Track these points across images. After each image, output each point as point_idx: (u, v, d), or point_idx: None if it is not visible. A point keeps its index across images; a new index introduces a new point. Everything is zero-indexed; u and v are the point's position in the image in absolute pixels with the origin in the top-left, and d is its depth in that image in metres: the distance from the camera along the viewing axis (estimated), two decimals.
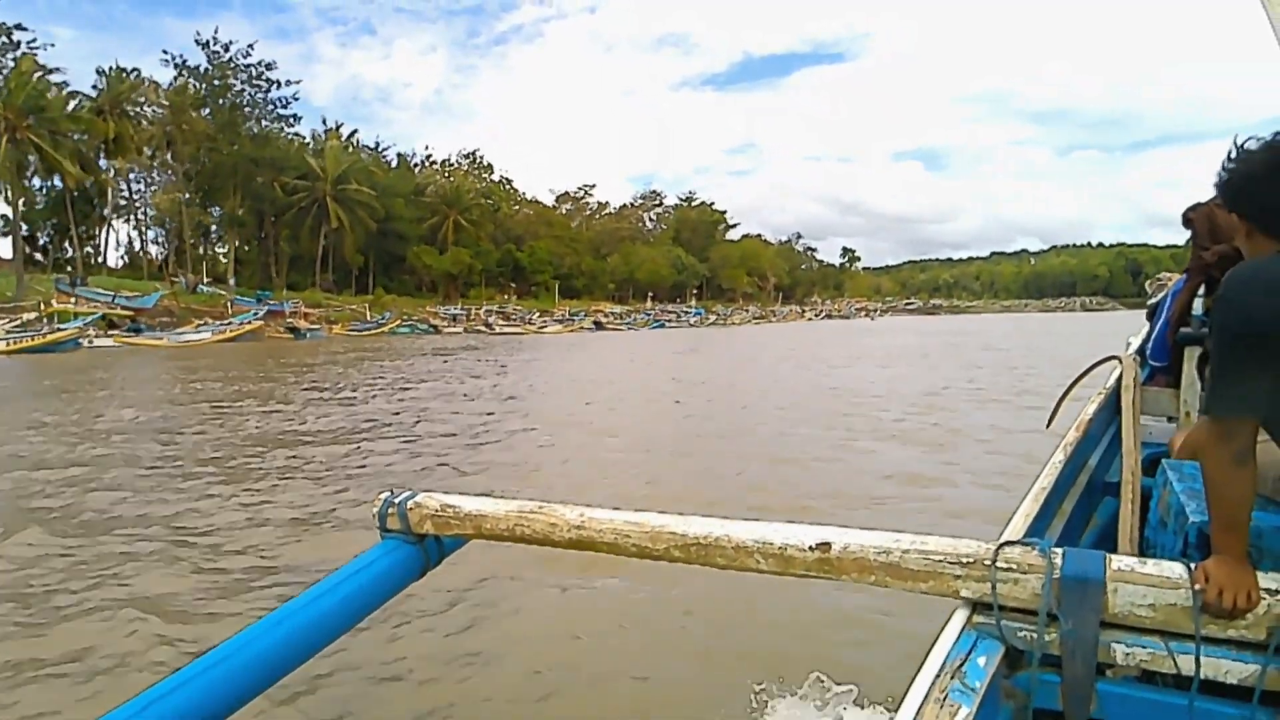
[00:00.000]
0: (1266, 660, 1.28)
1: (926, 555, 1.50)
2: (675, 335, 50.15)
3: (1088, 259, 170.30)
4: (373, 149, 76.43)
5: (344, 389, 16.44)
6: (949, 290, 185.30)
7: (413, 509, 1.98)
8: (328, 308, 50.97)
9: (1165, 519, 1.89)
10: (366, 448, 9.46)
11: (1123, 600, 1.36)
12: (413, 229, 70.31)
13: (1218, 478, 1.38)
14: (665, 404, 14.04)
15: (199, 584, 4.72)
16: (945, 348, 31.25)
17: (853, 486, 7.13)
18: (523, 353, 29.71)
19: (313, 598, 1.79)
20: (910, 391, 15.08)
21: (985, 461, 8.10)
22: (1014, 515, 1.88)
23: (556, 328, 54.24)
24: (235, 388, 16.75)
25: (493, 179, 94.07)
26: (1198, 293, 3.32)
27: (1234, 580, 1.31)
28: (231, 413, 12.68)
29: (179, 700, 1.48)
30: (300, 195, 59.85)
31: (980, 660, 1.37)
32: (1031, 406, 10.96)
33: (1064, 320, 68.86)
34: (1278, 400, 1.34)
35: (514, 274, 79.87)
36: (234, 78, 55.86)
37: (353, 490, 7.10)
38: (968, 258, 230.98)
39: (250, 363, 24.23)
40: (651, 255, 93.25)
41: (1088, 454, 2.68)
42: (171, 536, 5.67)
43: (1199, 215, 3.27)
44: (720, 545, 1.66)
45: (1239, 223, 1.52)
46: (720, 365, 24.64)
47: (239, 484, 7.48)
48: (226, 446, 9.57)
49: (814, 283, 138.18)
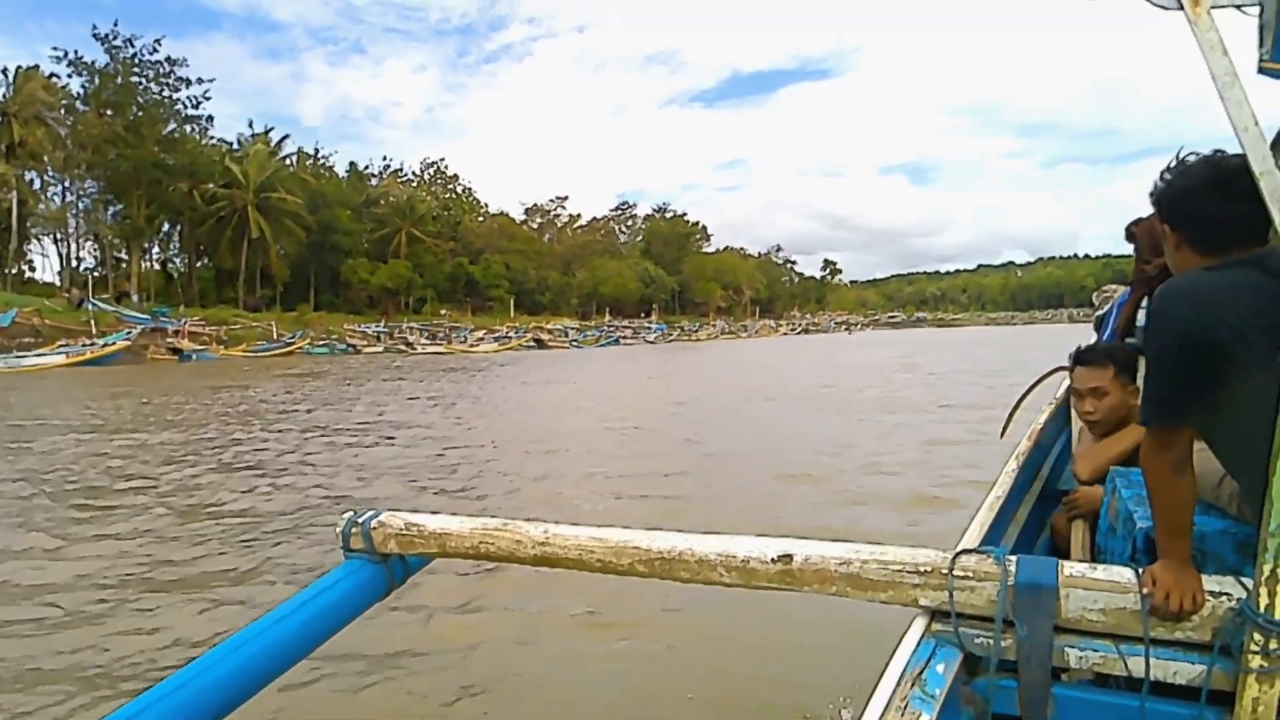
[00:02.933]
0: (1212, 660, 1.31)
1: (886, 565, 1.51)
2: (620, 355, 45.13)
3: (1074, 270, 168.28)
4: (313, 156, 71.77)
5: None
6: (935, 303, 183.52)
7: (376, 528, 1.93)
8: (236, 326, 45.58)
9: (1115, 525, 1.93)
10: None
11: (1075, 605, 1.38)
12: (355, 242, 65.45)
13: (1159, 485, 1.42)
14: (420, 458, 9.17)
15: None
16: (902, 366, 26.97)
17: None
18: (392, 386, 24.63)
19: (274, 620, 1.74)
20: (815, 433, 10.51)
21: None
22: (970, 524, 1.94)
23: (491, 346, 48.64)
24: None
25: (456, 190, 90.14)
26: (1141, 304, 3.33)
27: (1180, 583, 1.33)
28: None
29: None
30: (220, 204, 54.88)
31: (939, 667, 1.39)
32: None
33: (1041, 333, 64.66)
34: (1212, 409, 1.38)
35: (467, 289, 75.07)
36: (139, 75, 50.84)
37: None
38: (955, 270, 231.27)
39: (64, 396, 19.01)
40: (618, 268, 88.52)
41: (1040, 462, 2.75)
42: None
43: (1141, 229, 3.36)
44: (684, 559, 1.65)
45: (1169, 234, 1.54)
46: (615, 392, 19.81)
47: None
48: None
49: (794, 296, 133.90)
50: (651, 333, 69.42)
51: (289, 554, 5.25)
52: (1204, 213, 1.46)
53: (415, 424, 12.33)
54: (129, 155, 47.91)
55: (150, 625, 4.03)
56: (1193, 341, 1.33)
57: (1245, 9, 1.24)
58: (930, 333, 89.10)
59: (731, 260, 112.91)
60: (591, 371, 27.91)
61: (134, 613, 4.21)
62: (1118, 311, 3.60)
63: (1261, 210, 1.26)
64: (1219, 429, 1.46)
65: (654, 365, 31.45)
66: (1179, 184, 1.50)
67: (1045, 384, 3.51)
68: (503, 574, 4.40)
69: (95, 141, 48.03)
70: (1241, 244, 1.42)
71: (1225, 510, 1.63)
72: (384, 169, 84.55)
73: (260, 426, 12.04)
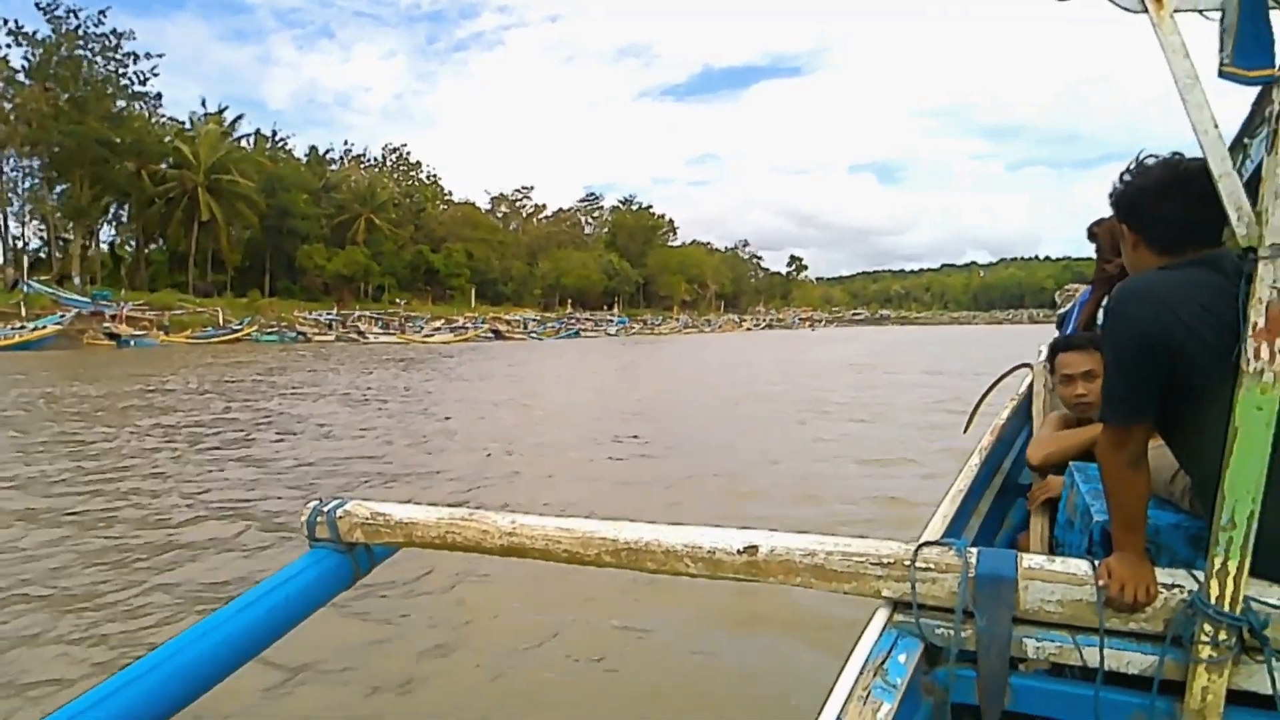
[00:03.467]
0: (1164, 651, 1.34)
1: (849, 557, 1.52)
2: (579, 348, 44.80)
3: (1035, 271, 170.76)
4: (271, 139, 70.09)
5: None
6: (900, 301, 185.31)
7: (342, 517, 1.92)
8: (181, 311, 44.27)
9: (1073, 519, 1.94)
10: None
11: (1033, 597, 1.41)
12: (312, 227, 63.96)
13: (1115, 480, 1.45)
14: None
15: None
16: (860, 364, 26.88)
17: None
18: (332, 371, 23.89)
19: (239, 609, 1.74)
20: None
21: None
22: (933, 516, 1.99)
23: (447, 336, 47.88)
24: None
25: (420, 178, 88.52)
26: (1102, 303, 3.36)
27: (1134, 575, 1.37)
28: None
29: (103, 713, 1.44)
30: (170, 185, 53.27)
31: (901, 657, 1.41)
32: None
33: (1002, 332, 65.31)
34: (1167, 406, 1.40)
35: (428, 278, 73.91)
36: (84, 48, 49.02)
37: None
38: (919, 269, 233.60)
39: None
40: (582, 260, 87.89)
41: (1002, 457, 2.80)
42: None
43: (1103, 230, 3.38)
44: (650, 550, 1.65)
45: (1126, 234, 1.59)
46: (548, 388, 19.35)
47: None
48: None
49: (759, 291, 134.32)
50: (613, 325, 69.02)
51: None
52: (1161, 213, 1.49)
53: (316, 421, 11.88)
54: (72, 132, 46.16)
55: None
56: (1149, 340, 1.36)
57: (1207, 13, 1.25)
58: (891, 330, 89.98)
59: (697, 254, 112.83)
60: (543, 366, 27.59)
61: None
62: (1079, 310, 3.67)
63: (1216, 211, 1.29)
64: (1174, 425, 1.48)
65: (610, 360, 31.23)
66: (1137, 185, 1.54)
67: (1005, 382, 3.54)
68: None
69: (38, 117, 46.22)
70: (1196, 244, 1.46)
71: (1179, 505, 1.65)
72: (345, 153, 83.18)
73: (129, 426, 11.13)
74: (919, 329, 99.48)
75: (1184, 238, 1.47)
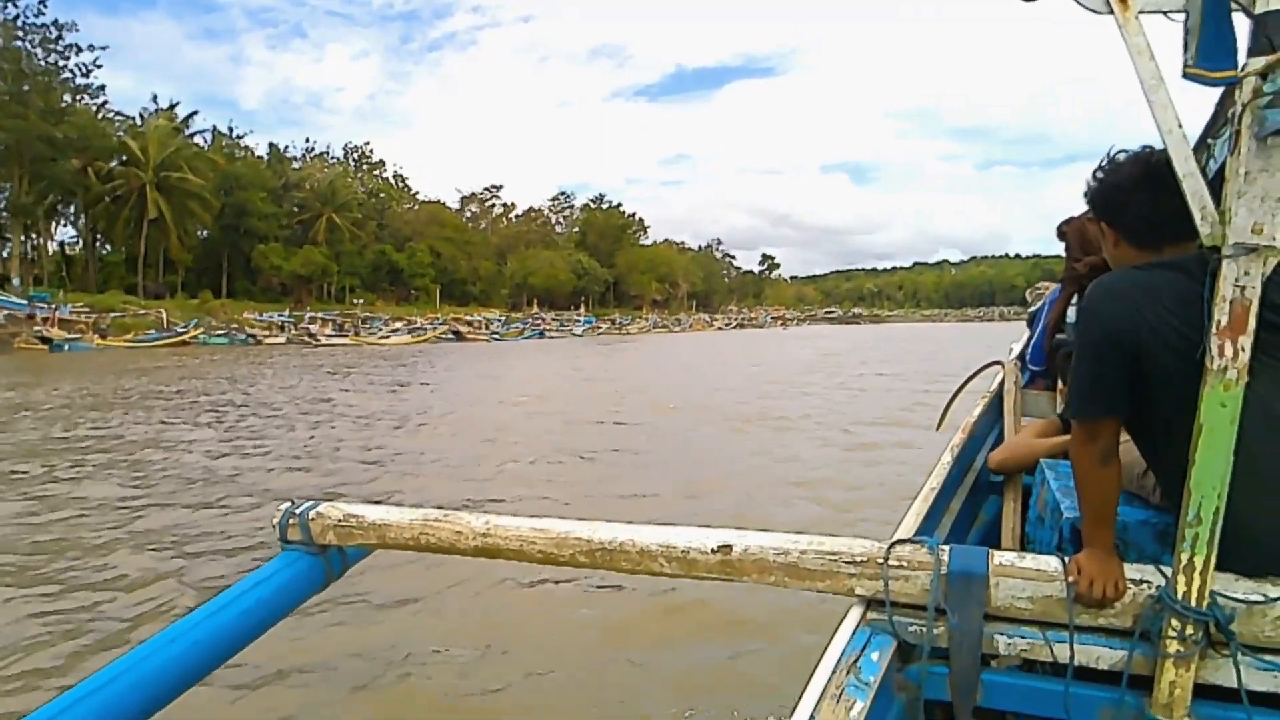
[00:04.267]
0: (1133, 645, 1.35)
1: (823, 555, 1.52)
2: (540, 349, 43.82)
3: (1005, 269, 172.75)
4: (228, 135, 68.16)
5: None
6: (872, 299, 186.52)
7: (314, 519, 1.90)
8: (123, 314, 42.54)
9: (1043, 515, 1.95)
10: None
11: (1004, 593, 1.41)
12: (271, 226, 62.29)
13: (1085, 476, 1.45)
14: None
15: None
16: (825, 363, 26.12)
17: None
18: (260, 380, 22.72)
19: (210, 613, 1.72)
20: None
21: None
22: (906, 514, 1.97)
23: (405, 338, 46.39)
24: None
25: (384, 176, 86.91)
26: (1071, 301, 3.36)
27: (1103, 571, 1.37)
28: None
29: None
30: (117, 183, 51.45)
31: (874, 655, 1.42)
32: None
33: (972, 330, 65.31)
34: (1134, 403, 1.41)
35: (391, 278, 72.45)
36: (23, 40, 47.07)
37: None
38: (892, 268, 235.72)
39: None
40: (550, 259, 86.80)
41: (974, 454, 2.80)
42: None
43: (1072, 228, 3.35)
44: (625, 550, 1.65)
45: (1106, 231, 1.60)
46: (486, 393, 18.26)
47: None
48: None
49: (732, 291, 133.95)
50: (579, 326, 67.91)
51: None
52: (1136, 209, 1.51)
53: (162, 452, 10.83)
54: (12, 127, 44.28)
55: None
56: (1115, 338, 1.38)
57: (1172, 15, 1.26)
58: (862, 329, 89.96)
59: (667, 253, 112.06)
60: (494, 370, 26.57)
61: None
62: (1049, 308, 3.68)
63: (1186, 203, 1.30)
64: (1141, 423, 1.48)
65: (567, 363, 30.28)
66: (1110, 181, 1.56)
67: (976, 380, 3.56)
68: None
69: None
70: (1175, 240, 1.46)
71: (1149, 500, 1.67)
72: (308, 151, 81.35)
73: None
74: (890, 326, 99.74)
75: (1160, 231, 1.48)
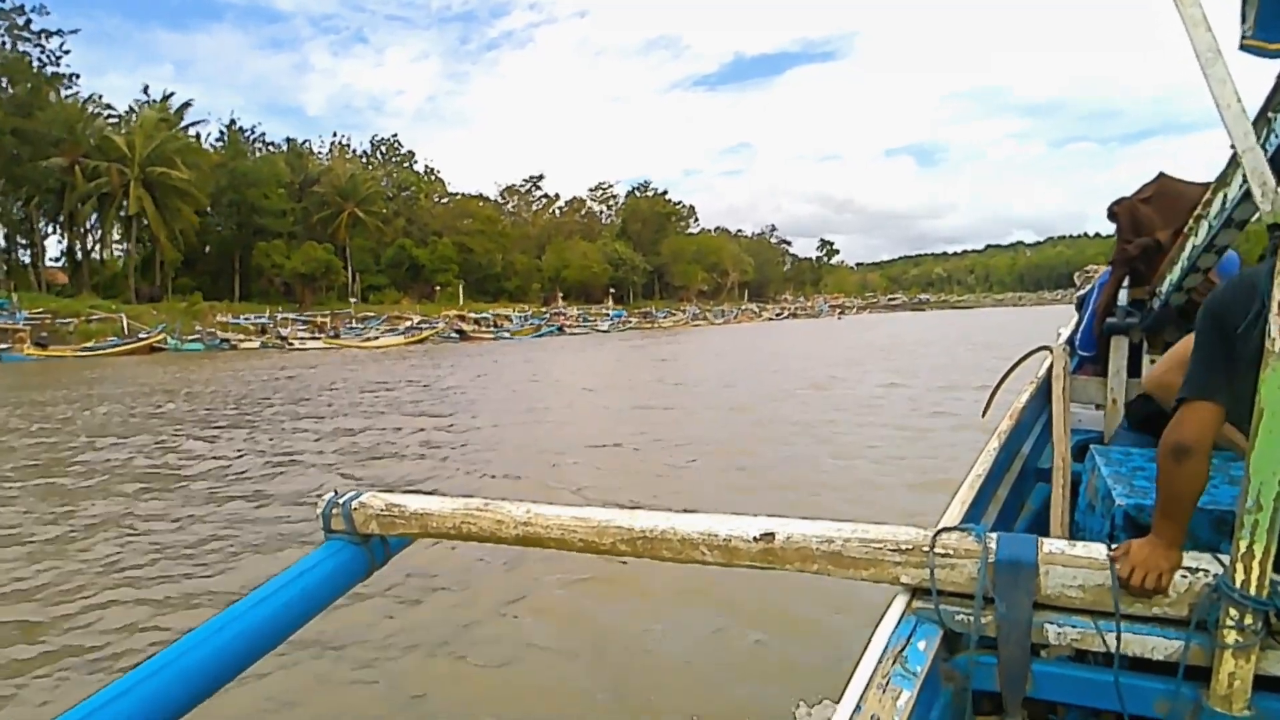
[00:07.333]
0: (1188, 636, 1.31)
1: (867, 543, 1.49)
2: (540, 351, 37.87)
3: (1083, 249, 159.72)
4: (234, 127, 64.16)
5: None
6: (942, 285, 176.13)
7: (357, 509, 1.90)
8: (87, 319, 38.16)
9: (1094, 503, 1.91)
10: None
11: (1054, 582, 1.38)
12: (284, 224, 58.05)
13: (1165, 466, 1.38)
14: None
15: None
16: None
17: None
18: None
19: (256, 601, 1.73)
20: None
21: None
22: (951, 502, 1.90)
23: (396, 340, 40.97)
24: None
25: (414, 170, 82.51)
26: (1123, 284, 3.22)
27: (1148, 561, 1.33)
28: None
29: (122, 708, 1.43)
30: (101, 180, 47.53)
31: (920, 644, 1.38)
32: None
33: (1048, 314, 57.09)
34: (1230, 392, 1.36)
35: (413, 274, 67.63)
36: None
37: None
38: (962, 251, 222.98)
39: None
40: (584, 251, 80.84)
41: (1021, 441, 2.72)
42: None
43: (1123, 209, 3.25)
44: (666, 538, 1.63)
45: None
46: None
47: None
48: None
49: (788, 279, 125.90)
50: (607, 320, 61.51)
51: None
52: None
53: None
54: None
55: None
56: (1217, 322, 1.36)
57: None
58: (927, 316, 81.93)
59: (715, 241, 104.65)
60: (462, 384, 20.62)
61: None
62: (1099, 291, 3.39)
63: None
64: (1231, 413, 1.41)
65: (564, 372, 24.27)
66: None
67: (1025, 364, 3.30)
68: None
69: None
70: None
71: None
72: (335, 145, 77.25)
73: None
74: (960, 313, 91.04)
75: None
